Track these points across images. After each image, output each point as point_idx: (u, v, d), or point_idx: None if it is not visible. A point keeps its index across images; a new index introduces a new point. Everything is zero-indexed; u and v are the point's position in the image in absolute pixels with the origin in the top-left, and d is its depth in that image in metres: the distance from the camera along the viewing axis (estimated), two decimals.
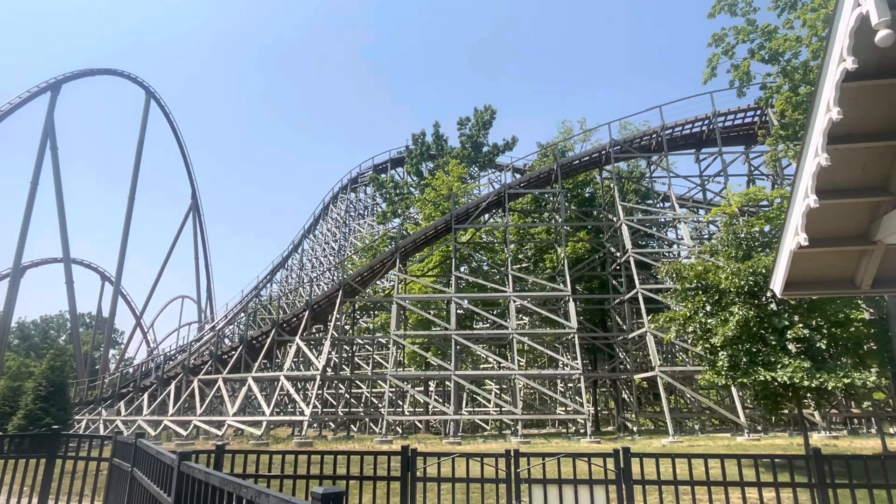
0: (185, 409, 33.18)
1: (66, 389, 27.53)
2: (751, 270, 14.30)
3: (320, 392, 34.84)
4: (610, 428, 34.78)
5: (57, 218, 52.22)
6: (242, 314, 48.59)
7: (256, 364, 33.14)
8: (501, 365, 32.18)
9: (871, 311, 18.57)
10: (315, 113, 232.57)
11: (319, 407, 35.57)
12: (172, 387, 33.74)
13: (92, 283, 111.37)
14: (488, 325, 36.37)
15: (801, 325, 13.69)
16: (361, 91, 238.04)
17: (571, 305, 29.02)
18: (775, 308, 14.31)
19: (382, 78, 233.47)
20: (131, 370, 47.57)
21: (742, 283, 14.30)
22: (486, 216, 36.22)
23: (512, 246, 34.18)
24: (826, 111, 4.13)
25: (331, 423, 36.09)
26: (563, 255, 31.39)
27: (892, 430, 24.51)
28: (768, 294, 14.27)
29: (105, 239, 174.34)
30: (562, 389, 37.14)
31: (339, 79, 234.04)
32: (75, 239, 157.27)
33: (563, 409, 34.84)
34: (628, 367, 32.10)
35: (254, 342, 34.62)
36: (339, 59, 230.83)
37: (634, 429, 30.55)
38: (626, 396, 34.38)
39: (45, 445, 7.30)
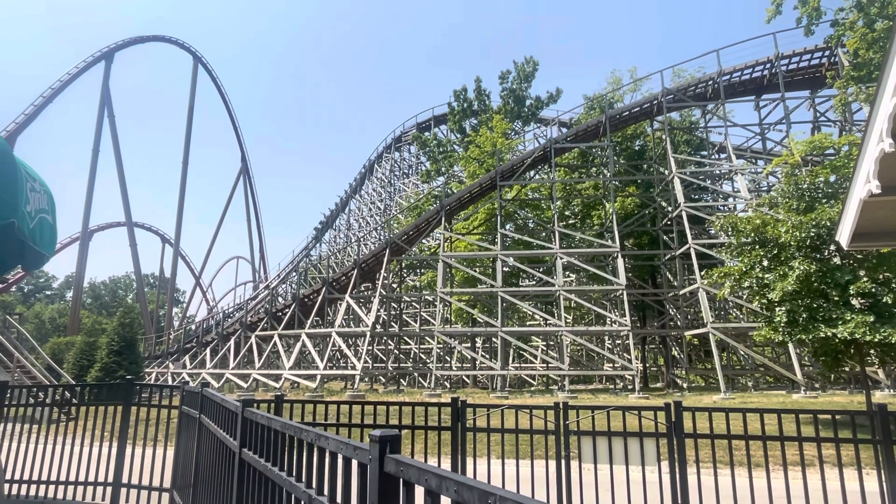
0: (245, 363, 34.98)
1: (136, 344, 29.45)
2: (814, 223, 13.60)
3: (370, 348, 35.91)
4: (658, 384, 34.54)
5: (118, 183, 54.73)
6: (294, 273, 50.22)
7: (309, 321, 34.40)
8: (548, 322, 32.19)
9: None
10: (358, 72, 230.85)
11: (370, 362, 36.75)
12: (232, 342, 35.55)
13: (154, 245, 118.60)
14: (534, 282, 36.24)
15: (866, 279, 13.03)
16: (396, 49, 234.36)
17: (620, 262, 28.51)
18: (839, 262, 13.64)
19: (422, 33, 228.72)
20: (193, 327, 50.24)
21: (804, 235, 13.64)
22: (532, 172, 35.57)
23: (558, 202, 33.58)
24: None
25: (381, 378, 37.31)
26: (611, 210, 30.65)
27: None
28: (832, 247, 13.58)
29: (163, 202, 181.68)
30: (609, 346, 36.96)
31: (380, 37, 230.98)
32: (136, 203, 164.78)
33: (611, 365, 34.72)
34: (678, 323, 31.50)
35: (306, 300, 35.84)
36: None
37: (684, 385, 30.25)
38: (675, 353, 33.90)
39: (121, 394, 7.88)
